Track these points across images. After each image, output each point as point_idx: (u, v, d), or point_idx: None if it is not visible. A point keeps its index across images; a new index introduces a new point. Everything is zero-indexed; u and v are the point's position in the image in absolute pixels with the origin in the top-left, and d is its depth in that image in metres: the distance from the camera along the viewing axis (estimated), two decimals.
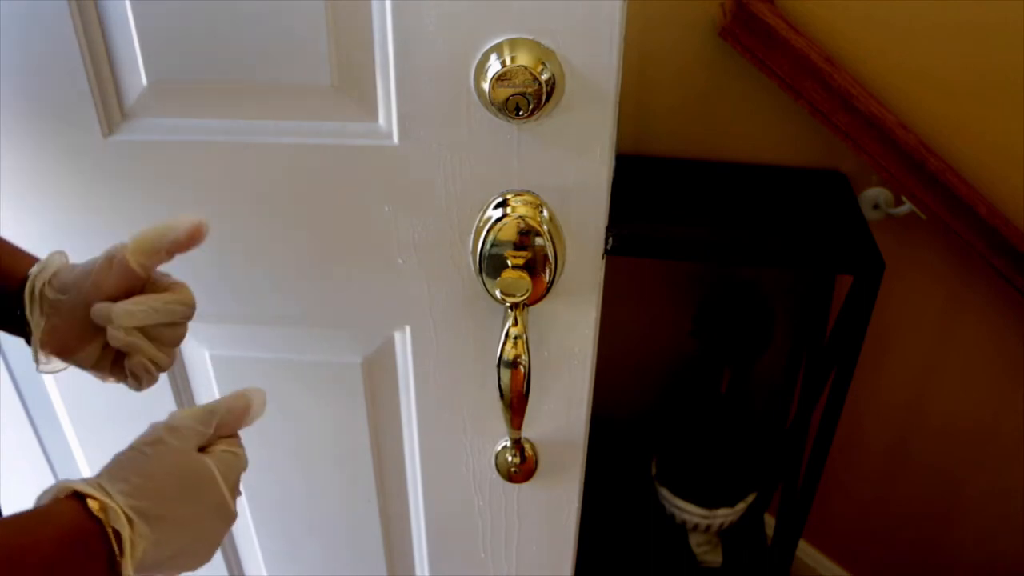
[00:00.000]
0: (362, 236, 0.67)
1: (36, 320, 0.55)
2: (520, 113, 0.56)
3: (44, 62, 0.61)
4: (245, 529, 0.91)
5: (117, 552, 0.43)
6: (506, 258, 0.62)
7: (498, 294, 0.63)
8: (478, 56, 0.56)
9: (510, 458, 0.74)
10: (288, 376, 0.77)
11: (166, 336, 0.56)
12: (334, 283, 0.70)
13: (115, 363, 0.58)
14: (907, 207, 1.11)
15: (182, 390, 0.79)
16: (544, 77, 0.55)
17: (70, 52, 0.60)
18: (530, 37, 0.55)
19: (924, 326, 1.25)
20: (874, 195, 1.16)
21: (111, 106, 0.64)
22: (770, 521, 1.53)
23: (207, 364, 0.78)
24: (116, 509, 0.43)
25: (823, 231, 1.08)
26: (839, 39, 1.06)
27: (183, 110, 0.64)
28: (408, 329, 0.71)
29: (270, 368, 0.76)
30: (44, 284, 0.55)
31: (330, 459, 0.82)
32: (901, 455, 1.38)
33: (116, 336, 0.53)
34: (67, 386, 0.80)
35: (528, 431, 0.74)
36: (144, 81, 0.62)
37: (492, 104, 0.57)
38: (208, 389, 0.79)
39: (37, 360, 0.56)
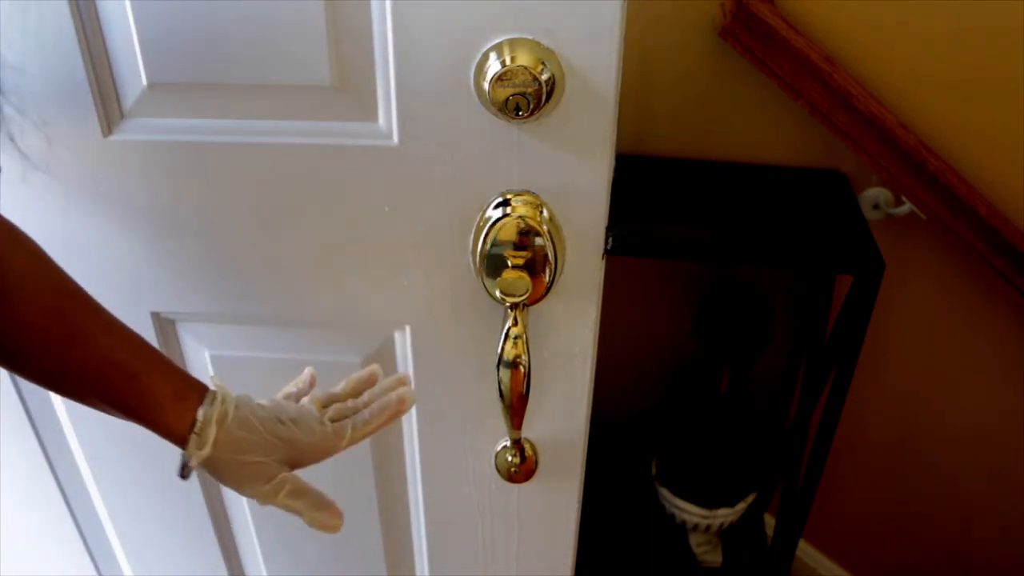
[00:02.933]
0: (362, 236, 0.67)
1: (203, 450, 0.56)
2: (520, 113, 0.56)
3: (44, 62, 0.61)
4: (245, 529, 0.91)
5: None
6: (506, 258, 0.62)
7: (498, 294, 0.63)
8: (478, 56, 0.56)
9: (510, 458, 0.74)
10: (288, 376, 0.76)
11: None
12: (334, 283, 0.70)
13: None
14: (907, 207, 1.11)
15: None
16: (544, 77, 0.55)
17: (70, 52, 0.60)
18: (530, 37, 0.55)
19: (924, 326, 1.25)
20: (874, 195, 1.16)
21: (111, 106, 0.64)
22: (770, 521, 1.53)
23: (207, 364, 0.78)
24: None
25: (823, 231, 1.08)
26: (839, 39, 1.06)
27: (183, 110, 0.64)
28: (408, 329, 0.71)
29: (270, 368, 0.76)
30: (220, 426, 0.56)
31: (330, 459, 0.82)
32: (901, 455, 1.38)
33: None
34: None
35: (528, 431, 0.74)
36: (144, 81, 0.62)
37: (492, 104, 0.57)
38: None
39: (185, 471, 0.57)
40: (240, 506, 0.89)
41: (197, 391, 0.56)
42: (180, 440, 0.55)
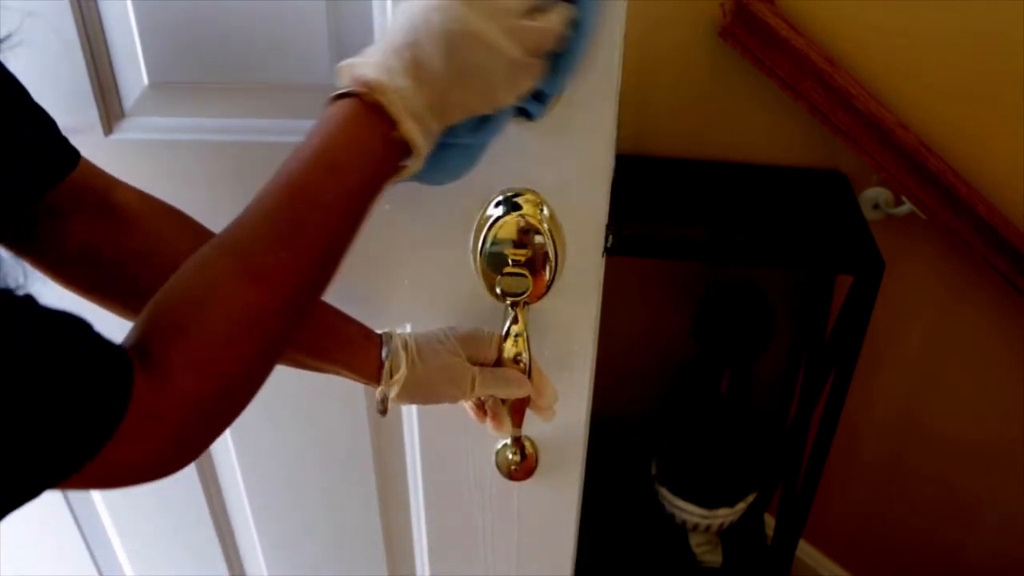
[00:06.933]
0: (362, 235, 0.67)
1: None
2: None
3: (45, 61, 0.61)
4: (246, 529, 0.91)
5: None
6: (507, 256, 0.62)
7: (499, 292, 0.63)
8: None
9: (510, 456, 0.74)
10: (288, 376, 0.77)
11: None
12: (334, 282, 0.70)
13: None
14: (907, 207, 1.11)
15: None
16: None
17: (71, 51, 0.60)
18: None
19: (924, 326, 1.25)
20: (874, 195, 1.16)
21: (112, 105, 0.64)
22: (770, 521, 1.53)
23: None
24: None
25: (823, 231, 1.08)
26: (839, 40, 1.06)
27: (184, 110, 0.64)
28: (409, 328, 0.71)
29: None
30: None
31: (331, 459, 0.82)
32: (901, 454, 1.38)
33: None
34: None
35: (528, 429, 0.74)
36: (145, 81, 0.62)
37: None
38: None
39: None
40: (241, 506, 0.89)
41: (371, 332, 0.62)
42: (375, 373, 0.61)
